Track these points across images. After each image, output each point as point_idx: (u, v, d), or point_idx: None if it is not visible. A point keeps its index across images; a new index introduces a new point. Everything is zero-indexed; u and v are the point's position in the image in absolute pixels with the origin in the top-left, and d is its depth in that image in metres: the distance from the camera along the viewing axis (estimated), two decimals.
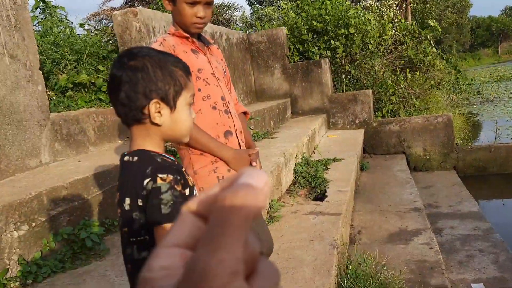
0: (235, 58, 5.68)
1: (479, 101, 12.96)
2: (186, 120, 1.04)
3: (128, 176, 0.99)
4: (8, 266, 1.91)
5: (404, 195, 4.15)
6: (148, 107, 0.97)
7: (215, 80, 1.67)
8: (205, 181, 1.59)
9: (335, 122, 6.31)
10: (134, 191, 0.97)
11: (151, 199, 0.95)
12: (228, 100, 1.69)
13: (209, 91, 1.63)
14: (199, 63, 1.63)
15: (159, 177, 0.95)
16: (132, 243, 0.98)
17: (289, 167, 3.75)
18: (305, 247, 2.50)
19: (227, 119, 1.66)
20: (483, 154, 5.74)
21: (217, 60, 1.75)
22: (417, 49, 7.05)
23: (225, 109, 1.67)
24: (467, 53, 41.73)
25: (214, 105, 1.64)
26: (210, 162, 1.61)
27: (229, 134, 1.66)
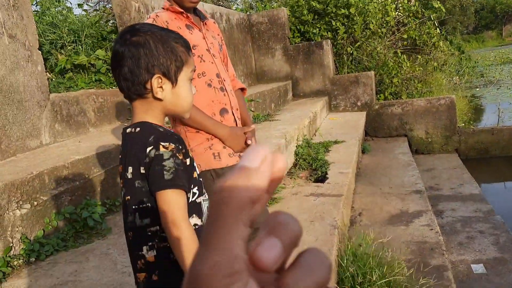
0: (236, 39, 5.62)
1: (482, 84, 12.86)
2: (187, 95, 1.07)
3: (130, 146, 1.02)
4: (11, 244, 1.92)
5: (405, 178, 4.15)
6: (150, 82, 1.01)
7: (210, 56, 1.64)
8: (201, 158, 1.58)
9: (336, 104, 6.27)
10: (136, 159, 1.00)
11: (153, 165, 0.98)
12: (223, 77, 1.66)
13: (204, 68, 1.61)
14: (193, 39, 1.59)
15: (162, 145, 0.99)
16: (134, 211, 1.01)
17: (290, 149, 3.74)
18: (306, 228, 2.50)
19: (223, 97, 1.64)
20: (485, 136, 5.72)
21: (213, 36, 1.71)
22: (421, 30, 6.95)
23: (221, 86, 1.64)
24: (471, 35, 41.24)
25: (210, 83, 1.61)
26: (205, 139, 1.60)
27: (225, 112, 1.64)
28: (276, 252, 0.22)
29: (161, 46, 1.01)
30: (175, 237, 0.97)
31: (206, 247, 0.21)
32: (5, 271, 1.84)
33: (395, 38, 6.90)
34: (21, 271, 1.90)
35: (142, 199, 1.01)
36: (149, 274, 1.02)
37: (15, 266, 1.89)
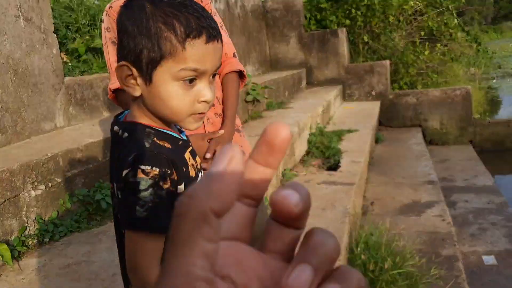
0: (250, 26, 5.58)
1: (499, 75, 12.61)
2: (173, 99, 0.77)
3: (113, 156, 0.83)
4: (26, 224, 1.96)
5: (418, 168, 4.12)
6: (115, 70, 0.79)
7: None
8: None
9: (350, 93, 6.21)
10: (115, 177, 0.80)
11: (126, 195, 0.77)
12: None
13: None
14: None
15: (141, 169, 0.74)
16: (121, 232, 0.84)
17: (303, 138, 3.73)
18: (318, 216, 2.50)
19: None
20: (501, 129, 5.63)
21: None
22: (438, 20, 6.81)
23: None
24: (489, 26, 40.37)
25: None
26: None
27: None
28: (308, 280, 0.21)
29: (141, 23, 0.75)
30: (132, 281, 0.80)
31: (164, 271, 0.19)
32: (20, 250, 1.87)
33: (412, 27, 6.77)
34: (36, 250, 1.94)
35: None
36: None
37: (30, 245, 1.93)
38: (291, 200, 0.21)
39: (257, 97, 3.92)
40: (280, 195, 0.21)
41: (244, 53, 5.20)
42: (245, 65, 5.16)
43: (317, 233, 0.22)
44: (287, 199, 0.21)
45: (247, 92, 3.88)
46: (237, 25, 5.06)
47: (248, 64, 5.35)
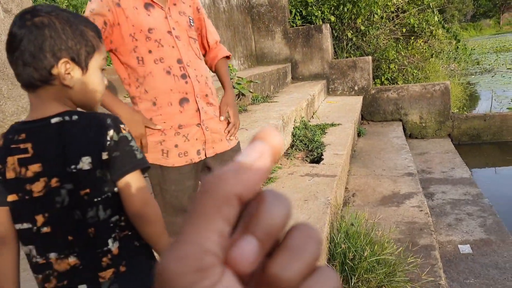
0: (235, 20, 5.62)
1: (478, 71, 12.93)
2: (99, 84, 0.98)
3: (79, 134, 0.92)
4: None
5: (398, 161, 4.25)
6: (57, 67, 0.90)
7: (171, 39, 1.50)
8: (150, 150, 1.52)
9: (334, 88, 6.32)
10: (96, 146, 0.91)
11: (122, 147, 0.93)
12: (187, 62, 1.52)
13: (161, 54, 1.47)
14: (150, 21, 1.46)
15: (122, 127, 0.94)
16: (97, 203, 0.92)
17: (287, 131, 3.81)
18: (300, 207, 2.59)
19: (184, 85, 1.50)
20: (477, 122, 5.81)
21: (181, 11, 1.57)
22: (420, 18, 6.97)
23: (182, 73, 1.51)
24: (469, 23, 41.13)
25: (168, 70, 1.48)
26: (158, 132, 1.52)
27: (185, 102, 1.52)
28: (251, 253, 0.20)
29: (69, 28, 0.90)
30: (150, 217, 0.95)
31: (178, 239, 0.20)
32: None
33: (394, 24, 6.91)
34: None
35: (103, 189, 0.93)
36: (117, 268, 0.95)
37: None
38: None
39: (242, 91, 3.97)
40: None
41: (230, 48, 5.24)
42: (230, 59, 5.20)
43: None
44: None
45: (233, 86, 3.94)
46: (223, 19, 5.10)
47: (234, 58, 5.39)
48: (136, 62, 1.47)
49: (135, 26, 1.45)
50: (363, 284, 2.14)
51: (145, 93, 1.49)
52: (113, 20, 1.43)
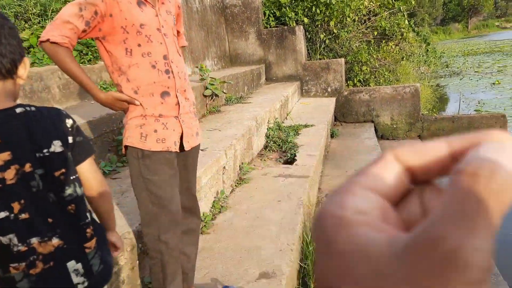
0: (209, 21, 5.58)
1: (447, 74, 13.32)
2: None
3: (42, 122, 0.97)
4: None
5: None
6: (23, 63, 0.96)
7: (160, 36, 1.60)
8: (130, 133, 1.59)
9: (308, 89, 6.37)
10: (62, 131, 1.00)
11: (79, 134, 1.04)
12: (171, 59, 1.62)
13: (150, 49, 1.57)
14: (143, 17, 1.55)
15: (72, 118, 1.05)
16: (73, 181, 1.00)
17: (261, 132, 3.81)
18: (273, 207, 2.59)
19: (167, 80, 1.60)
20: (446, 124, 5.97)
21: (168, 11, 1.67)
22: (391, 21, 7.12)
23: (166, 69, 1.61)
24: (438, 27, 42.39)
25: (154, 64, 1.58)
26: (140, 115, 1.59)
27: (166, 95, 1.61)
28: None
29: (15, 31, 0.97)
30: (104, 194, 1.11)
31: (467, 224, 0.17)
32: None
33: (366, 27, 7.03)
34: None
35: (74, 168, 1.02)
36: (97, 236, 1.05)
37: None
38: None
39: (215, 91, 3.95)
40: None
41: (203, 48, 5.21)
42: (204, 60, 5.17)
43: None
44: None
45: (205, 87, 3.91)
46: (196, 19, 5.05)
47: (207, 58, 5.36)
48: (124, 53, 1.55)
49: (128, 20, 1.53)
50: None
51: (127, 81, 1.57)
52: (105, 10, 1.50)
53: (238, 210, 2.60)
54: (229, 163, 2.87)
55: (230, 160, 2.89)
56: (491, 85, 10.69)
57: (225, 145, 2.89)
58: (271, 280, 1.84)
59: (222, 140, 3.03)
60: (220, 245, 2.18)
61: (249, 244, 2.17)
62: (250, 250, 2.11)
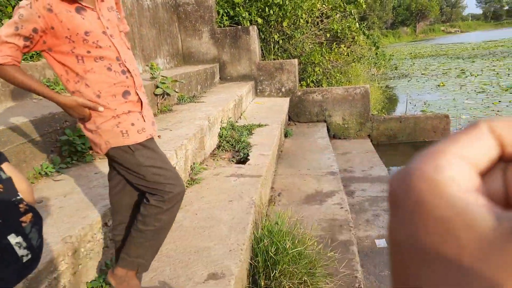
0: (161, 18, 5.47)
1: (396, 76, 13.87)
2: None
3: None
4: None
5: (322, 160, 4.40)
6: None
7: (107, 39, 1.59)
8: (109, 136, 1.61)
9: (262, 89, 6.41)
10: None
11: None
12: (124, 58, 1.64)
13: (100, 53, 1.57)
14: (86, 24, 1.53)
15: None
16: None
17: (213, 131, 3.78)
18: (224, 207, 2.58)
19: (125, 80, 1.63)
20: (394, 124, 6.21)
21: (109, 8, 1.65)
22: (342, 24, 7.31)
23: (122, 69, 1.62)
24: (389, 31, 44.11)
25: (109, 66, 1.59)
26: (111, 117, 1.61)
27: (128, 94, 1.64)
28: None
29: None
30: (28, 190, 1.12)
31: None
32: None
33: (318, 29, 7.17)
34: None
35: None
36: (31, 212, 1.07)
37: None
38: None
39: (167, 90, 3.87)
40: None
41: (155, 46, 5.10)
42: (155, 58, 5.06)
43: None
44: None
45: (156, 86, 3.83)
46: (147, 16, 4.94)
47: (159, 56, 5.25)
48: (75, 61, 1.55)
49: (71, 30, 1.51)
50: (286, 278, 2.17)
51: (86, 87, 1.57)
52: (45, 25, 1.49)
53: (188, 211, 2.57)
54: (179, 164, 2.82)
55: (180, 161, 2.85)
56: (436, 86, 11.24)
57: (175, 145, 2.84)
58: (219, 281, 1.83)
59: (172, 139, 2.98)
60: (169, 247, 2.14)
61: (199, 245, 2.14)
62: (200, 251, 2.09)
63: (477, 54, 20.28)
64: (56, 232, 1.80)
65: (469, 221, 0.18)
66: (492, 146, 0.20)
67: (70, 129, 2.64)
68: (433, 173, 0.19)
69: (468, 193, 0.18)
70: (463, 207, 0.18)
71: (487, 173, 0.21)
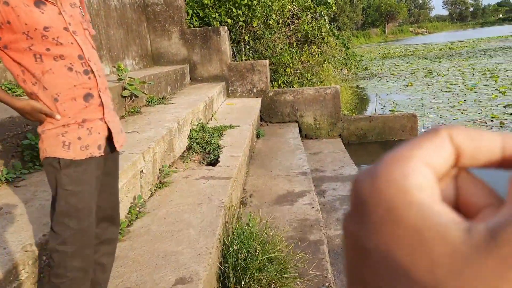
0: (129, 18, 5.37)
1: (366, 76, 14.12)
2: None
3: None
4: None
5: (294, 161, 4.42)
6: None
7: (69, 36, 1.49)
8: (48, 143, 1.49)
9: (234, 90, 6.38)
10: None
11: None
12: (88, 57, 1.53)
13: (61, 51, 1.47)
14: (45, 19, 1.44)
15: None
16: None
17: (183, 133, 3.73)
18: (193, 210, 2.54)
19: (87, 81, 1.52)
20: (364, 124, 6.31)
21: (72, 4, 1.56)
22: (313, 25, 7.37)
23: (85, 69, 1.52)
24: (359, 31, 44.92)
25: (70, 66, 1.48)
26: (61, 125, 1.50)
27: (90, 97, 1.53)
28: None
29: None
30: None
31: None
32: None
33: (289, 30, 7.21)
34: None
35: None
36: None
37: None
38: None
39: (135, 92, 3.80)
40: None
41: (123, 47, 5.00)
42: (123, 59, 4.96)
43: None
44: None
45: (124, 87, 3.75)
46: (114, 17, 4.83)
47: (127, 57, 5.15)
48: (33, 60, 1.44)
49: (28, 25, 1.42)
50: (255, 283, 2.16)
51: (44, 90, 1.47)
52: (1, 20, 1.40)
53: (156, 215, 2.52)
54: (147, 167, 2.77)
55: (148, 164, 2.79)
56: (404, 86, 11.50)
57: (143, 148, 2.79)
58: (187, 285, 1.80)
59: (140, 142, 2.92)
60: (136, 252, 2.10)
61: (167, 250, 2.10)
62: (167, 255, 2.05)
63: (444, 54, 20.90)
64: (16, 240, 1.73)
65: (442, 234, 0.17)
66: (451, 154, 0.21)
67: (31, 133, 2.54)
68: (401, 179, 0.19)
69: (437, 203, 0.18)
70: (435, 219, 0.18)
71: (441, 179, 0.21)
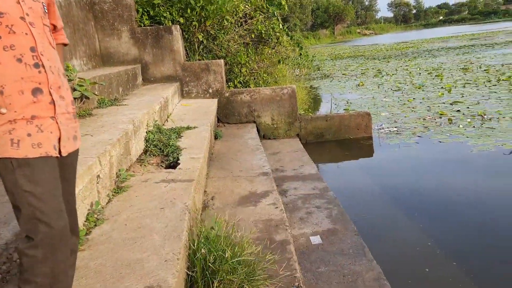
0: (75, 17, 5.08)
1: (319, 77, 14.39)
2: None
3: None
4: None
5: (254, 161, 4.36)
6: None
7: (25, 26, 1.41)
8: None
9: (188, 91, 6.23)
10: None
11: None
12: (41, 51, 1.44)
13: (12, 41, 1.38)
14: (1, 5, 1.36)
15: None
16: None
17: (139, 135, 3.56)
18: (156, 215, 2.41)
19: (37, 74, 1.42)
20: (321, 123, 6.39)
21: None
22: (266, 25, 7.37)
23: (35, 62, 1.42)
24: (309, 32, 45.88)
25: (20, 57, 1.39)
26: (7, 121, 1.37)
27: (39, 92, 1.42)
28: None
29: None
30: None
31: None
32: None
33: (243, 29, 7.16)
34: None
35: None
36: None
37: None
38: None
39: (85, 93, 3.58)
40: None
41: (70, 46, 4.72)
42: (71, 59, 4.69)
43: None
44: None
45: (74, 88, 3.52)
46: (59, 15, 4.55)
47: (75, 58, 4.87)
48: None
49: None
50: (225, 286, 2.07)
51: None
52: None
53: (116, 221, 2.36)
54: (104, 171, 2.59)
55: (105, 168, 2.62)
56: (356, 86, 11.83)
57: (98, 151, 2.61)
58: None
59: (95, 146, 2.73)
60: (97, 262, 1.94)
61: (131, 258, 1.97)
62: (132, 264, 1.91)
63: (391, 55, 21.79)
64: None
65: None
66: None
67: None
68: None
69: None
70: None
71: None
